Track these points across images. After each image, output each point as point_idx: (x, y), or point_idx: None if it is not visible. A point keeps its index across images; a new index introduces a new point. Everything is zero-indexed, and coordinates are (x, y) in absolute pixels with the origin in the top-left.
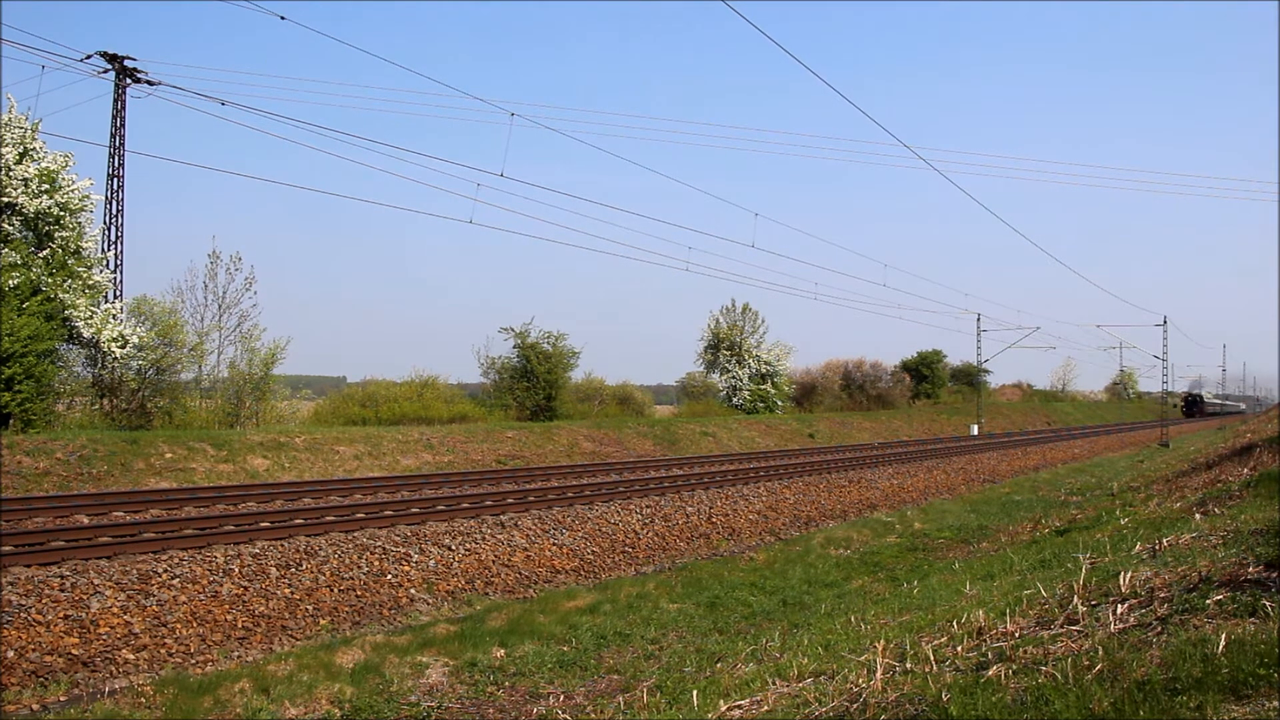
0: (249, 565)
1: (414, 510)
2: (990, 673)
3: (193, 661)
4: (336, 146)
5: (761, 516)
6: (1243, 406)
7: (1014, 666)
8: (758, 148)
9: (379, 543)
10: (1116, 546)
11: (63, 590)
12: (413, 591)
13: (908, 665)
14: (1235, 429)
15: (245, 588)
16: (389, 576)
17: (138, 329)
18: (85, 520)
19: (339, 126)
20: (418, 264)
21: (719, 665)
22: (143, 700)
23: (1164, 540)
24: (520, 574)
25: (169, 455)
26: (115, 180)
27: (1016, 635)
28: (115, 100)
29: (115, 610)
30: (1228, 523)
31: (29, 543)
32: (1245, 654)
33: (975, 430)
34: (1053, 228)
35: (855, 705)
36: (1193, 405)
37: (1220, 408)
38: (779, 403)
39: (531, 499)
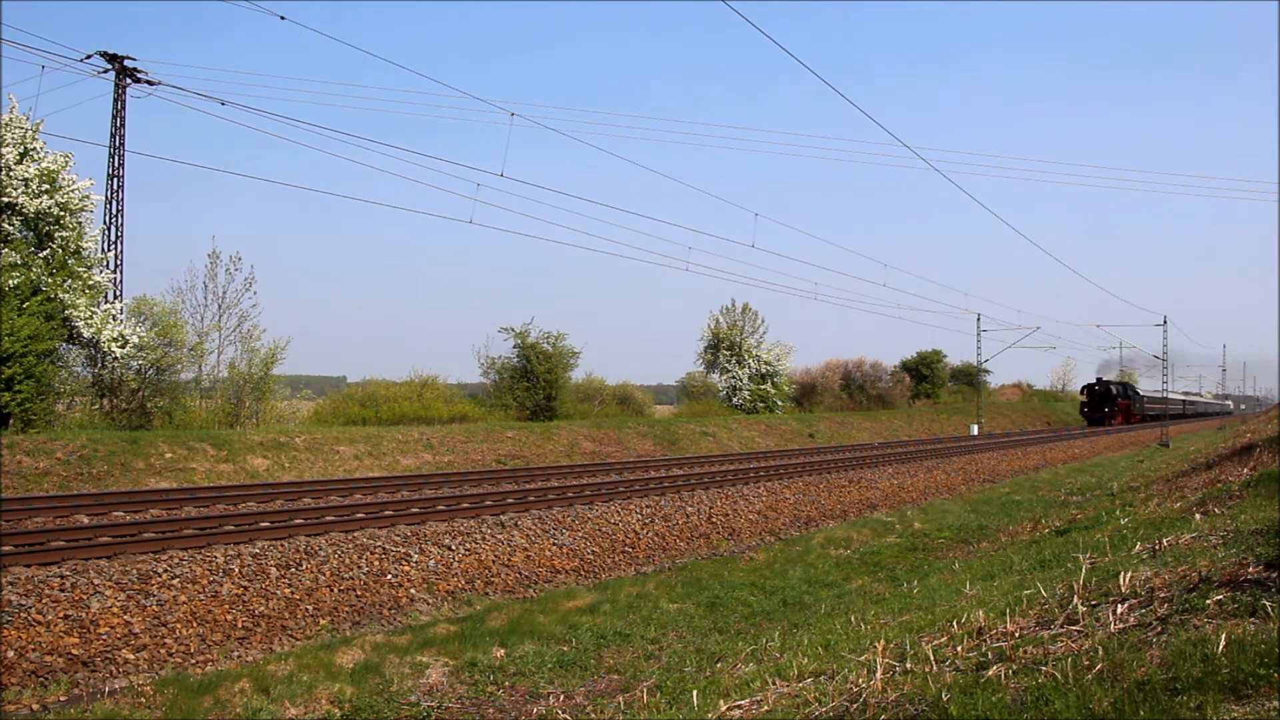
0: (249, 565)
1: (414, 510)
2: (990, 673)
3: (193, 661)
4: (336, 146)
5: (761, 516)
6: (1231, 406)
7: (1014, 666)
8: (758, 148)
9: (379, 543)
10: (1116, 546)
11: (63, 590)
12: (413, 591)
13: (908, 665)
14: (1235, 429)
15: (245, 588)
16: (389, 576)
17: (138, 329)
18: (85, 520)
19: (339, 126)
20: (418, 264)
21: (719, 665)
22: (143, 700)
23: (1164, 540)
24: (520, 574)
25: (169, 455)
26: (115, 180)
27: (1016, 635)
28: (115, 100)
29: (115, 610)
30: (1228, 523)
31: (29, 543)
32: (1245, 654)
33: (975, 430)
34: (1053, 228)
35: (855, 705)
36: (1103, 403)
37: (1184, 407)
38: (779, 403)
39: (531, 499)
